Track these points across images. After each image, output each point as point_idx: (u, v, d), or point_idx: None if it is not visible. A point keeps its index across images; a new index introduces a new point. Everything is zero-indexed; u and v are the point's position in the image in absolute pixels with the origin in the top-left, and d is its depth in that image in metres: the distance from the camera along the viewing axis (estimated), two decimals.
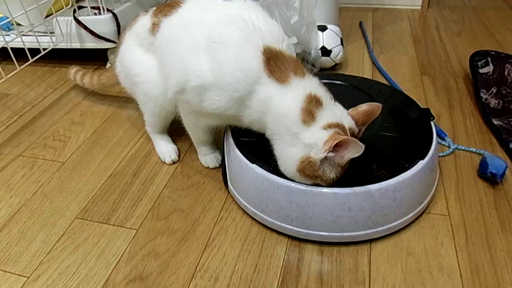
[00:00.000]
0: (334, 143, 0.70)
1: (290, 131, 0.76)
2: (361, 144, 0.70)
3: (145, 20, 0.97)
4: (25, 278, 0.78)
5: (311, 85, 0.78)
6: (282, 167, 0.79)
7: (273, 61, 0.77)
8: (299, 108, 0.75)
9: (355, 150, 0.70)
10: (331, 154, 0.72)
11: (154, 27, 0.92)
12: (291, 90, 0.77)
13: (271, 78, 0.77)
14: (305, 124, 0.75)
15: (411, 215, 0.83)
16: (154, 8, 0.97)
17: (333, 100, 0.80)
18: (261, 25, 0.81)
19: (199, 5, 0.89)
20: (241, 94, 0.78)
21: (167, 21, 0.89)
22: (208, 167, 1.03)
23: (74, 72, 1.35)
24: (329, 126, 0.74)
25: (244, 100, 0.79)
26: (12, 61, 1.28)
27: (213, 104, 0.81)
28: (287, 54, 0.80)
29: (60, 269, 0.79)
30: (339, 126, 0.74)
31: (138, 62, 0.98)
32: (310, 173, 0.75)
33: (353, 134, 0.76)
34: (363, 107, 0.80)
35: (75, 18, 1.42)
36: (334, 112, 0.77)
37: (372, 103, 0.80)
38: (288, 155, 0.77)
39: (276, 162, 0.80)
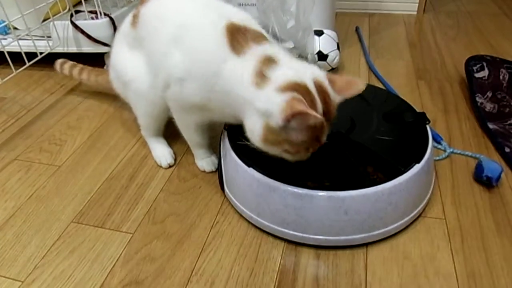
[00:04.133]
0: (290, 115, 0.64)
1: (247, 101, 0.71)
2: (317, 116, 0.64)
3: (128, 17, 0.97)
4: (20, 283, 0.77)
5: (268, 48, 0.74)
6: (251, 140, 0.74)
7: (235, 36, 0.74)
8: (251, 73, 0.71)
9: (312, 121, 0.66)
10: (292, 124, 0.66)
11: (135, 19, 0.92)
12: (246, 58, 0.73)
13: (233, 53, 0.74)
14: (258, 87, 0.70)
15: (407, 218, 0.83)
16: None
17: (294, 57, 0.75)
18: (229, 9, 0.80)
19: None
20: (209, 75, 0.75)
21: (144, 10, 0.90)
22: (204, 171, 1.03)
23: (69, 67, 1.33)
24: (285, 87, 0.67)
25: (213, 82, 0.76)
26: (9, 65, 1.28)
27: (190, 93, 0.80)
28: (251, 28, 0.77)
29: (55, 274, 0.79)
30: (296, 87, 0.67)
31: (126, 60, 0.98)
32: (275, 139, 0.70)
33: (321, 88, 0.70)
34: (348, 77, 0.74)
35: (72, 22, 1.42)
36: (291, 67, 0.71)
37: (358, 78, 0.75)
38: (251, 129, 0.73)
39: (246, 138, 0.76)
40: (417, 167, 0.81)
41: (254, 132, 0.72)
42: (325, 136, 0.73)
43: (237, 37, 0.75)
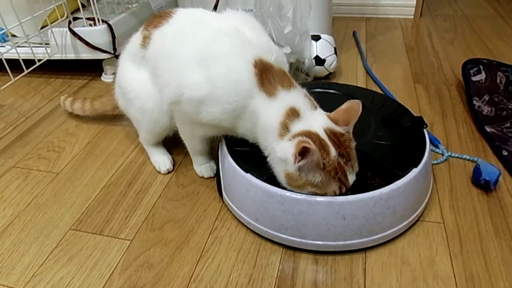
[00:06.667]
0: (297, 153, 0.69)
1: (272, 145, 0.77)
2: (313, 147, 0.69)
3: (136, 37, 0.98)
4: None
5: (294, 97, 0.79)
6: (282, 184, 0.79)
7: (264, 74, 0.78)
8: (278, 122, 0.76)
9: (316, 156, 0.70)
10: (302, 163, 0.71)
11: (145, 40, 0.93)
12: (275, 104, 0.78)
13: (261, 91, 0.78)
14: (280, 138, 0.76)
15: (405, 223, 0.83)
16: (143, 25, 0.98)
17: (314, 108, 0.80)
18: (252, 37, 0.81)
19: (189, 17, 0.90)
20: (233, 106, 0.79)
21: (159, 32, 0.90)
22: (203, 177, 1.03)
23: (64, 99, 1.31)
24: (294, 135, 0.74)
25: (238, 112, 0.80)
26: (7, 72, 1.28)
27: (208, 116, 0.81)
28: (276, 66, 0.81)
29: (53, 281, 0.79)
30: (304, 133, 0.73)
31: (132, 79, 0.98)
32: (297, 184, 0.75)
33: (333, 134, 0.76)
34: (342, 106, 0.80)
35: (70, 29, 1.43)
36: (307, 120, 0.76)
37: (351, 100, 0.80)
38: (277, 173, 0.79)
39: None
40: (414, 171, 0.82)
41: (279, 177, 0.78)
42: (351, 177, 0.76)
43: (267, 76, 0.78)
